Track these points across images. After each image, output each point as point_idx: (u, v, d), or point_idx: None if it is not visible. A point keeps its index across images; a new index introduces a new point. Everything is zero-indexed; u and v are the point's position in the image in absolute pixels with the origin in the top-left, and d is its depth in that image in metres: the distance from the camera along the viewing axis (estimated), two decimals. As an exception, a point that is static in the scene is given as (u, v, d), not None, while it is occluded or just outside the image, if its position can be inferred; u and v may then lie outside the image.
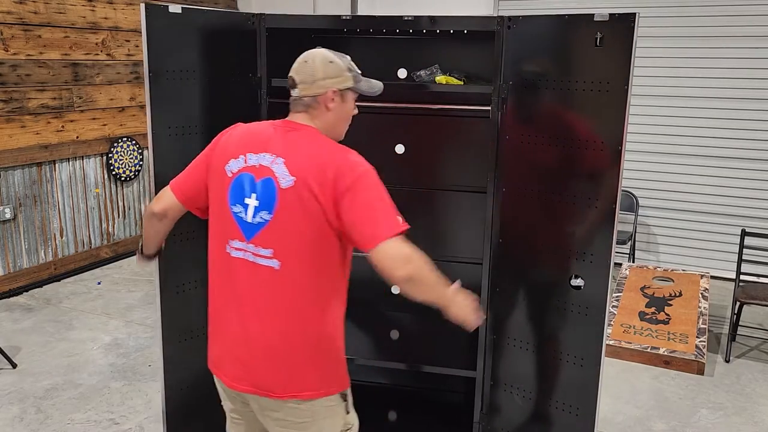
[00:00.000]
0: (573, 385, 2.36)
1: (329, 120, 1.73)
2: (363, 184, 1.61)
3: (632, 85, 2.10)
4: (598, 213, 2.21)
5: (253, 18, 2.41)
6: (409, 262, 1.60)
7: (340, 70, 1.72)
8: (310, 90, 1.68)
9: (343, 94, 1.72)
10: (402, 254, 1.59)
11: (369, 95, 1.81)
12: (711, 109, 4.97)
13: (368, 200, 1.61)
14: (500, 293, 2.44)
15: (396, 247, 1.59)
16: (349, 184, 1.59)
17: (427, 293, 1.70)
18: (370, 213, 1.60)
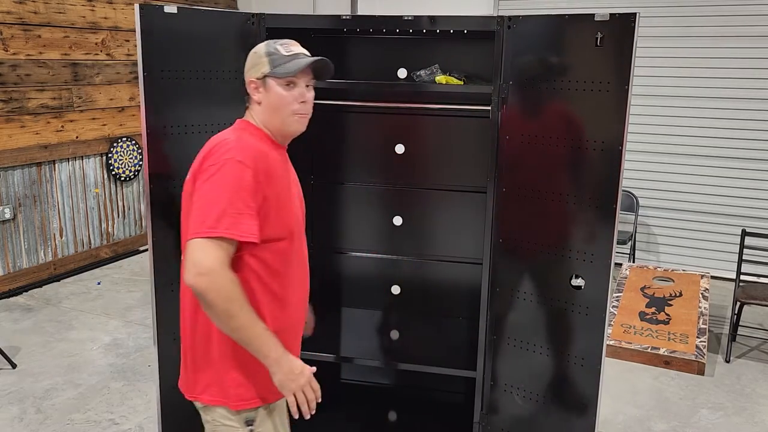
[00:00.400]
0: (573, 385, 2.36)
1: (260, 111, 1.66)
2: (216, 174, 1.50)
3: (632, 85, 2.09)
4: (598, 213, 2.20)
5: (252, 18, 2.41)
6: (201, 273, 1.43)
7: (258, 57, 1.65)
8: (246, 83, 1.68)
9: (264, 81, 1.63)
10: (195, 259, 1.43)
11: (286, 76, 1.62)
12: (711, 109, 4.97)
13: (207, 191, 1.49)
14: (500, 293, 2.43)
15: (196, 250, 1.44)
16: (206, 168, 1.52)
17: (225, 325, 1.48)
18: (200, 204, 1.49)
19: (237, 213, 1.47)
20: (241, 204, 1.49)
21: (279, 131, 1.68)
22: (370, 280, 3.00)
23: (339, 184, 2.94)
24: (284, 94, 1.63)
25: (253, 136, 1.63)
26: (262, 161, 1.56)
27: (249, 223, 1.50)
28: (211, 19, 2.34)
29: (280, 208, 1.60)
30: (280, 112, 1.64)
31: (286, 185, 1.65)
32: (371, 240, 2.97)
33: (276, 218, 1.58)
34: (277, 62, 1.62)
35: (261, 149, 1.59)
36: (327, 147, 2.90)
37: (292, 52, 1.65)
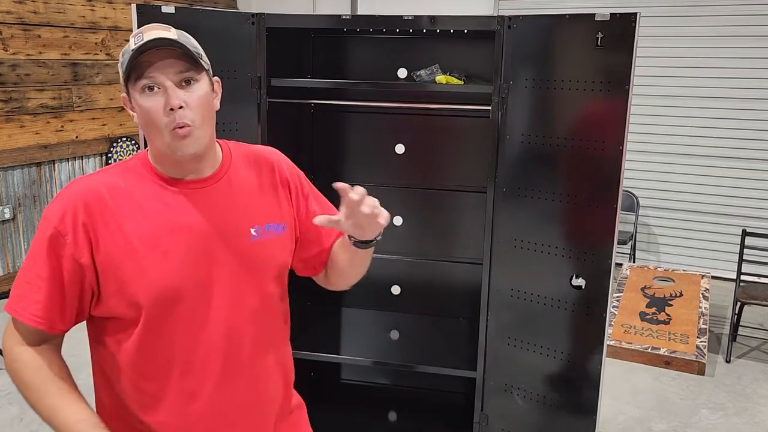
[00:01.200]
0: (574, 385, 2.35)
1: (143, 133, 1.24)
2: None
3: (633, 85, 2.09)
4: (598, 213, 2.20)
5: (252, 18, 2.40)
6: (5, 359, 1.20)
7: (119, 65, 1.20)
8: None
9: (129, 94, 1.18)
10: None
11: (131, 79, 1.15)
12: (712, 109, 4.96)
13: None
14: (500, 293, 2.43)
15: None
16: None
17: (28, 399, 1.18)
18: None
19: (25, 284, 1.17)
20: (31, 272, 1.17)
21: (165, 161, 1.21)
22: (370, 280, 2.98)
23: (339, 184, 2.93)
24: (144, 105, 1.14)
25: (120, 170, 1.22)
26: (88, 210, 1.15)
27: (32, 298, 1.16)
28: (210, 18, 2.34)
29: (120, 270, 1.15)
30: (151, 132, 1.16)
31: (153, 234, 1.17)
32: (371, 240, 2.96)
33: (114, 288, 1.16)
34: (125, 63, 1.15)
35: (98, 190, 1.17)
36: (327, 147, 2.89)
37: (140, 41, 1.12)
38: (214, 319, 1.22)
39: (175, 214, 1.20)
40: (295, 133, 2.82)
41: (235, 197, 1.27)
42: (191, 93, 1.16)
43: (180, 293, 1.18)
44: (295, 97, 2.72)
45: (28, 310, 1.17)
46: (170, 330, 1.19)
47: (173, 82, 1.14)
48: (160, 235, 1.18)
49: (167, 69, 1.13)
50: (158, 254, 1.17)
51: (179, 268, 1.18)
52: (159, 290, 1.17)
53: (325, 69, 2.83)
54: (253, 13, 2.41)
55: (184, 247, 1.19)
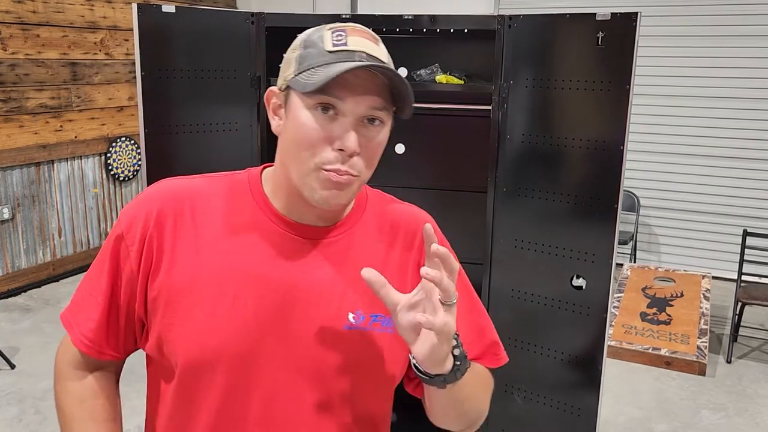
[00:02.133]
0: (574, 385, 2.35)
1: (278, 151, 0.94)
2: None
3: (634, 85, 2.08)
4: (599, 213, 2.19)
5: (252, 17, 2.40)
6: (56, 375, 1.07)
7: (290, 51, 0.92)
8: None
9: (287, 96, 0.90)
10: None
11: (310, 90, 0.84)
12: (712, 109, 4.96)
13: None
14: (500, 293, 2.42)
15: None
16: None
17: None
18: None
19: (84, 295, 0.98)
20: (91, 282, 0.96)
21: (289, 196, 0.93)
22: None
23: (339, 184, 2.93)
24: (309, 124, 0.86)
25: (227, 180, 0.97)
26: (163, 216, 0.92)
27: (86, 316, 0.96)
28: (209, 18, 2.33)
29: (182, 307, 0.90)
30: (295, 156, 0.88)
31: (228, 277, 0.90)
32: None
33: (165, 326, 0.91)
34: (309, 62, 0.87)
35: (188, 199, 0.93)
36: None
37: (342, 45, 0.86)
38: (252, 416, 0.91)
39: (266, 260, 0.91)
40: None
41: (347, 264, 0.94)
42: (371, 137, 0.89)
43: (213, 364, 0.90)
44: (295, 97, 2.71)
45: (79, 328, 0.97)
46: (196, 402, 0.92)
47: (358, 118, 0.86)
48: (229, 281, 0.90)
49: (363, 99, 0.85)
50: (219, 303, 0.89)
51: (236, 331, 0.89)
52: (199, 352, 0.89)
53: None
54: (253, 13, 2.41)
55: (255, 308, 0.89)
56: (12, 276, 4.60)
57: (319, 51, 0.86)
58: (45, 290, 4.71)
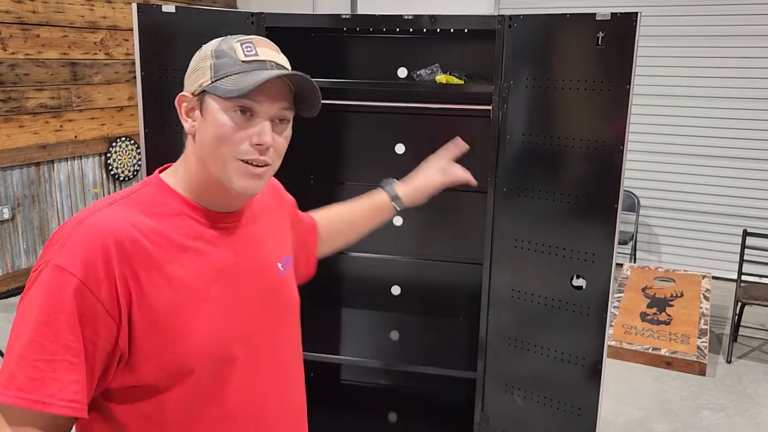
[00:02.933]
0: (574, 385, 2.35)
1: (191, 153, 1.04)
2: (29, 290, 0.92)
3: (634, 85, 2.08)
4: (599, 213, 2.19)
5: (251, 17, 2.40)
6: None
7: (199, 60, 1.02)
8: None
9: (202, 100, 1.00)
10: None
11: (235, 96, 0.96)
12: (712, 108, 4.96)
13: (16, 319, 0.92)
14: (500, 293, 2.42)
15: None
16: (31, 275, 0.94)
17: None
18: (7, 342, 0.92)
19: (43, 361, 0.87)
20: (53, 344, 0.87)
21: (214, 190, 1.03)
22: (370, 280, 2.98)
23: (339, 183, 2.93)
24: (228, 124, 0.98)
25: (138, 207, 0.99)
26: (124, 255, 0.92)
27: (64, 379, 0.87)
28: (209, 18, 2.33)
29: (165, 327, 0.94)
30: (213, 155, 0.99)
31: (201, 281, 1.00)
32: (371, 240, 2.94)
33: (153, 348, 0.94)
34: (226, 70, 0.98)
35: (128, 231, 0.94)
36: (327, 147, 2.88)
37: (254, 56, 0.99)
38: (263, 371, 1.07)
39: (219, 253, 1.03)
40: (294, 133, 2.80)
41: (261, 231, 1.14)
42: (281, 133, 1.03)
43: (231, 348, 1.01)
44: (295, 97, 2.71)
45: (58, 396, 0.87)
46: (220, 392, 1.00)
47: (271, 118, 1.00)
48: (207, 282, 1.00)
49: (274, 102, 1.00)
50: (207, 305, 0.99)
51: (229, 318, 1.01)
52: (214, 347, 0.98)
53: (324, 69, 2.83)
54: (253, 13, 2.41)
55: (231, 294, 1.03)
56: (12, 276, 4.60)
57: (233, 61, 0.99)
58: (45, 290, 4.72)
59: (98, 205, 0.98)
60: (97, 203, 0.99)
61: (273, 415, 1.10)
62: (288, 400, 1.15)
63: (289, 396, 1.16)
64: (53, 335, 0.87)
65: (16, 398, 0.86)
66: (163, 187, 1.04)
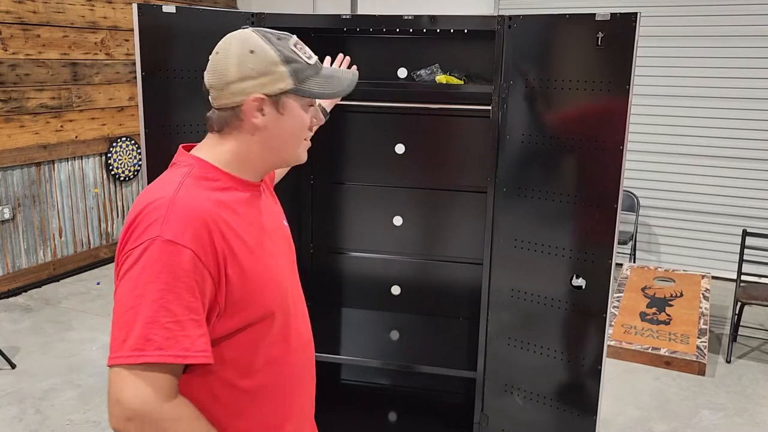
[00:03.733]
0: (574, 385, 2.35)
1: (250, 143, 1.18)
2: (136, 264, 1.03)
3: (633, 85, 2.08)
4: (599, 213, 2.19)
5: (252, 17, 2.40)
6: (128, 418, 1.00)
7: (267, 65, 1.14)
8: (222, 98, 1.17)
9: (279, 101, 1.16)
10: (118, 397, 1.00)
11: (326, 98, 1.25)
12: (712, 109, 4.96)
13: (127, 292, 1.03)
14: (500, 293, 2.42)
15: (118, 383, 1.01)
16: (127, 251, 1.06)
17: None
18: (118, 313, 1.04)
19: (173, 322, 1.01)
20: (178, 307, 1.02)
21: (261, 166, 1.22)
22: (370, 280, 2.99)
23: (339, 184, 2.93)
24: (305, 118, 1.21)
25: (201, 184, 1.13)
26: (215, 225, 1.08)
27: (193, 334, 1.03)
28: (210, 18, 2.33)
29: (250, 280, 1.12)
30: (292, 142, 1.21)
31: (258, 238, 1.17)
32: (371, 240, 2.96)
33: (244, 299, 1.12)
34: (304, 74, 1.17)
35: (210, 206, 1.10)
36: (327, 147, 2.89)
37: (311, 57, 1.21)
38: (299, 313, 1.28)
39: (259, 215, 1.21)
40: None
41: (269, 196, 1.34)
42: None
43: (287, 291, 1.23)
44: (295, 97, 2.71)
45: (193, 349, 1.02)
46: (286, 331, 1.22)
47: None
48: (262, 238, 1.19)
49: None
50: (268, 256, 1.19)
51: (280, 267, 1.23)
52: (282, 289, 1.21)
53: (325, 69, 2.83)
54: (253, 13, 2.41)
55: (273, 246, 1.23)
56: (12, 276, 4.60)
57: (303, 65, 1.18)
58: (45, 290, 4.72)
59: (168, 185, 1.11)
60: (163, 184, 1.13)
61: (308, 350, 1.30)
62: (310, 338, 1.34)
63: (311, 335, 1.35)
64: (177, 300, 1.02)
65: (159, 356, 1.00)
66: (207, 165, 1.17)
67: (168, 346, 1.01)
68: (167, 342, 1.01)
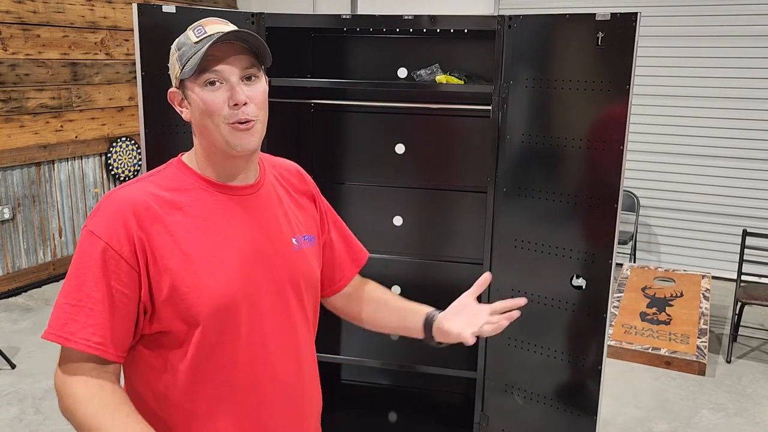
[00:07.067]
0: (574, 385, 2.35)
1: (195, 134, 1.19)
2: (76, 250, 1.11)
3: (634, 85, 2.08)
4: (599, 213, 2.19)
5: (252, 17, 2.40)
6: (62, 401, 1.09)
7: (171, 57, 1.20)
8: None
9: (184, 90, 1.17)
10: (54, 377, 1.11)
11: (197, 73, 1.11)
12: (712, 109, 4.96)
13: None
14: (500, 293, 2.42)
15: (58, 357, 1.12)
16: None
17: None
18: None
19: (69, 305, 1.07)
20: (79, 293, 1.07)
21: (221, 161, 1.17)
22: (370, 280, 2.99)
23: (339, 183, 2.93)
24: (205, 99, 1.11)
25: (156, 181, 1.16)
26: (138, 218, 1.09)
27: (82, 321, 1.06)
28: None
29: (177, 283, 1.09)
30: (208, 127, 1.13)
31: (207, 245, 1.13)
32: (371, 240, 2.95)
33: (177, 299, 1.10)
34: (186, 56, 1.13)
35: (143, 200, 1.11)
36: (327, 147, 2.89)
37: (203, 34, 1.13)
38: (266, 330, 1.18)
39: (227, 222, 1.16)
40: (295, 133, 2.81)
41: (274, 205, 1.24)
42: (254, 89, 1.14)
43: (236, 304, 1.13)
44: (295, 97, 2.72)
45: (78, 334, 1.06)
46: (228, 343, 1.13)
47: (238, 78, 1.12)
48: (215, 245, 1.13)
49: (233, 64, 1.12)
50: (214, 264, 1.12)
51: (234, 278, 1.13)
52: (217, 302, 1.11)
53: (325, 69, 2.83)
54: (253, 13, 2.41)
55: (237, 257, 1.15)
56: (12, 276, 4.60)
57: (189, 46, 1.13)
58: (45, 290, 4.72)
59: (126, 183, 1.16)
60: (127, 182, 1.17)
61: (283, 375, 1.20)
62: (297, 365, 1.24)
63: (299, 361, 1.24)
64: (80, 286, 1.06)
65: (47, 333, 1.08)
66: (181, 165, 1.19)
67: (56, 326, 1.07)
68: (56, 322, 1.07)
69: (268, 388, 1.19)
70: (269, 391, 1.19)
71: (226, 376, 1.14)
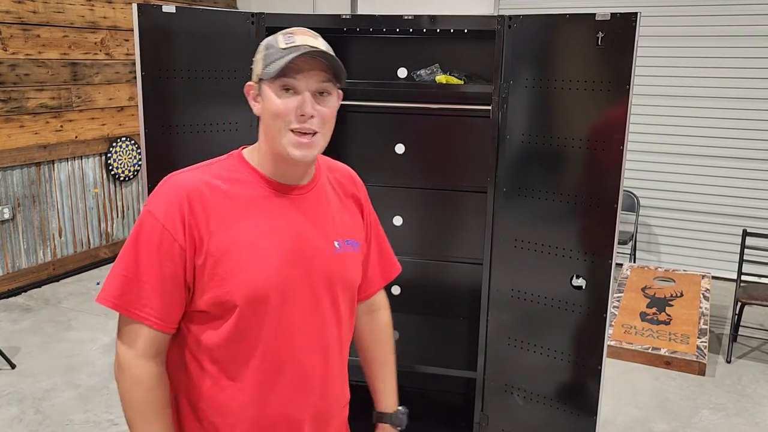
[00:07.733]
0: (574, 385, 2.35)
1: (261, 131, 1.26)
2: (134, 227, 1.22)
3: (634, 85, 2.08)
4: (599, 213, 2.19)
5: (252, 17, 2.40)
6: (116, 365, 1.21)
7: (257, 54, 1.25)
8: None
9: (260, 87, 1.22)
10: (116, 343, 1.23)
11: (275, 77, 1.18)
12: (712, 109, 4.96)
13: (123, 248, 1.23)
14: (500, 293, 2.42)
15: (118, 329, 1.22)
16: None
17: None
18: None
19: (130, 280, 1.18)
20: (138, 269, 1.18)
21: (278, 162, 1.23)
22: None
23: (339, 184, 2.93)
24: (277, 102, 1.18)
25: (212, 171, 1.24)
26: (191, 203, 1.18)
27: (144, 297, 1.17)
28: (210, 18, 2.33)
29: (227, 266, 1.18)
30: (272, 129, 1.20)
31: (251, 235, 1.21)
32: (371, 240, 2.95)
33: (216, 283, 1.18)
34: (270, 59, 1.19)
35: (198, 185, 1.20)
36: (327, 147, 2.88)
37: (292, 43, 1.18)
38: (294, 326, 1.24)
39: (273, 217, 1.23)
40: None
41: (323, 208, 1.31)
42: (324, 104, 1.21)
43: (268, 296, 1.20)
44: (295, 97, 2.71)
45: (135, 305, 1.17)
46: (255, 332, 1.21)
47: (311, 91, 1.19)
48: (258, 237, 1.21)
49: (311, 77, 1.18)
50: (254, 255, 1.20)
51: (271, 271, 1.21)
52: (251, 291, 1.19)
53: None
54: (253, 13, 2.41)
55: (277, 252, 1.22)
56: (12, 276, 4.60)
57: (276, 50, 1.19)
58: (45, 290, 4.72)
59: (186, 169, 1.25)
60: (187, 168, 1.25)
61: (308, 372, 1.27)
62: (324, 364, 1.30)
63: (326, 361, 1.30)
64: (136, 260, 1.17)
65: (104, 300, 1.18)
66: (240, 159, 1.27)
67: (115, 295, 1.18)
68: (115, 291, 1.18)
69: (291, 382, 1.25)
70: (291, 385, 1.25)
71: (251, 364, 1.22)
